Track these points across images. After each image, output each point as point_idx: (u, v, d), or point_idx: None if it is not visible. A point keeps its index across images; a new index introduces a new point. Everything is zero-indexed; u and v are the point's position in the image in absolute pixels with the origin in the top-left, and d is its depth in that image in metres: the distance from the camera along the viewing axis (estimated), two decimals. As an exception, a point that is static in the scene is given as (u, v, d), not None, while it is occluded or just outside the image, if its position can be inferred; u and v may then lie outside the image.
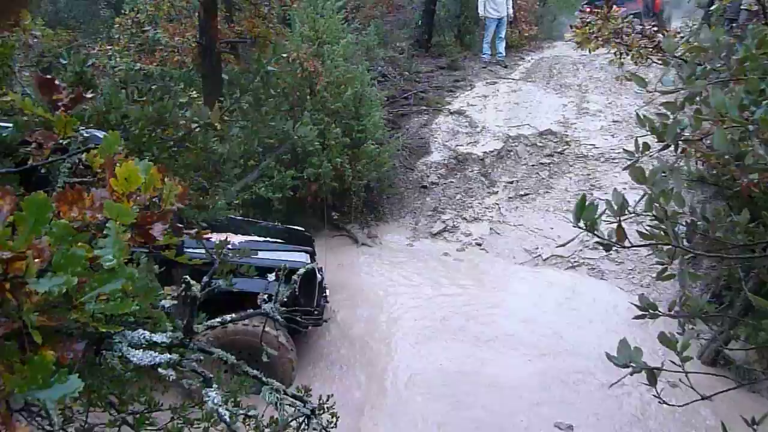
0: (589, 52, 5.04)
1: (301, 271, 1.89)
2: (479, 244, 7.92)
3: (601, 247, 6.93)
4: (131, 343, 1.18)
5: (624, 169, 1.89)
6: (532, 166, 9.07)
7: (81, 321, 1.02)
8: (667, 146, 1.62)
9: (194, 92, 6.41)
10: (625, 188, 8.97)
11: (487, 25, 11.65)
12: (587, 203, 1.49)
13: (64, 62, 1.87)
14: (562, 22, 13.86)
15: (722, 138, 1.34)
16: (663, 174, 1.52)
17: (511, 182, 8.87)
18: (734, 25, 8.26)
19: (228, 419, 1.20)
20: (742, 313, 5.17)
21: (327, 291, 5.78)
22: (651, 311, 1.92)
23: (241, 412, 1.27)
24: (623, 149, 2.05)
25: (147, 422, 1.94)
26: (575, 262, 7.45)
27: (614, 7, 4.86)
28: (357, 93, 7.74)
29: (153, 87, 1.91)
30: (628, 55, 5.00)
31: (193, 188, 2.01)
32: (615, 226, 1.51)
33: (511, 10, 11.70)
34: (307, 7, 7.78)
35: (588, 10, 4.77)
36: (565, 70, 11.21)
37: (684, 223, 1.64)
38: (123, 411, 1.82)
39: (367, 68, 8.43)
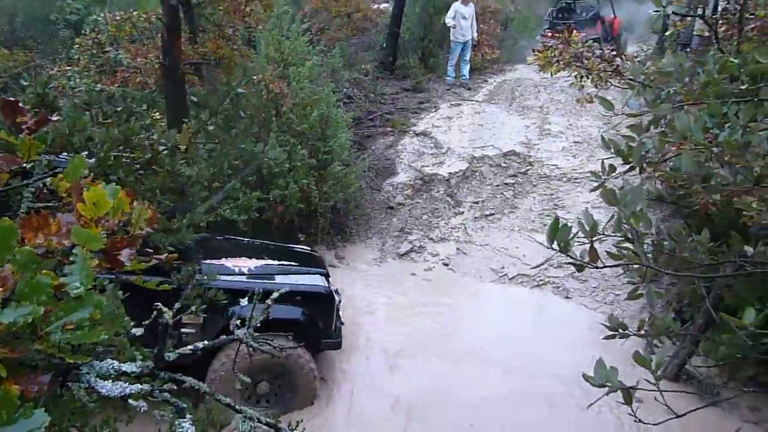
0: (551, 75, 5.17)
1: (275, 295, 1.84)
2: (446, 264, 7.96)
3: (566, 267, 7.05)
4: (99, 373, 1.13)
5: (592, 190, 1.94)
6: (497, 186, 9.21)
7: (46, 352, 0.98)
8: (632, 168, 1.66)
9: (157, 114, 6.31)
10: (587, 208, 9.18)
11: (452, 48, 11.87)
12: (560, 225, 1.51)
13: (25, 83, 1.81)
14: (523, 45, 14.22)
15: (689, 160, 1.39)
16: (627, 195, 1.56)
17: (477, 202, 8.97)
18: (687, 50, 8.60)
19: (203, 452, 1.16)
20: (703, 328, 5.31)
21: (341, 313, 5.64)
22: (621, 331, 1.95)
23: (217, 443, 1.23)
24: (590, 171, 2.10)
25: (111, 455, 1.87)
26: (540, 280, 7.55)
27: (574, 32, 5.02)
28: (323, 114, 7.75)
29: (118, 109, 1.88)
30: (588, 78, 5.14)
31: (160, 212, 1.96)
32: (588, 246, 1.53)
33: (476, 35, 11.95)
34: (272, 29, 7.79)
35: (549, 34, 4.90)
36: (527, 93, 11.48)
37: (649, 243, 1.68)
38: (86, 444, 1.74)
39: (332, 90, 8.46)
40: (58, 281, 1.10)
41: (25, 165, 1.21)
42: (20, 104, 1.23)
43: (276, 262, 5.35)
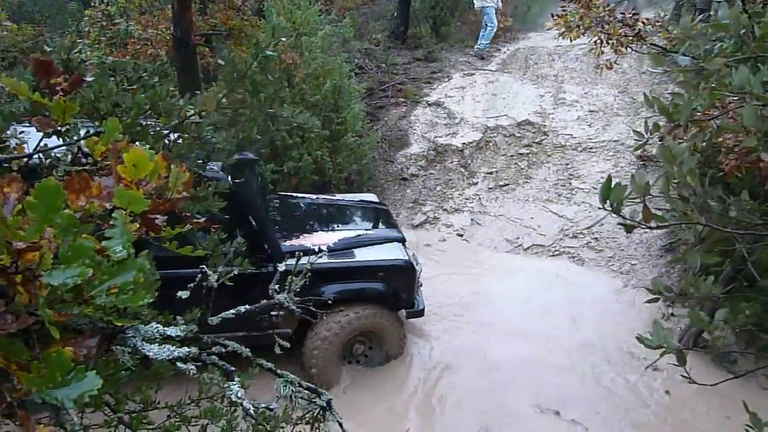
0: (570, 41, 5.05)
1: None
2: (460, 235, 7.94)
3: (581, 237, 6.95)
4: (144, 337, 1.12)
5: (635, 149, 1.89)
6: (511, 156, 9.12)
7: (93, 316, 0.97)
8: (677, 127, 1.61)
9: (171, 86, 6.26)
10: (603, 177, 9.08)
11: (488, 13, 11.42)
12: (613, 184, 1.47)
13: (48, 49, 1.78)
14: (536, 12, 13.94)
15: (752, 113, 1.34)
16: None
17: (491, 173, 8.90)
18: (706, 15, 8.37)
19: (253, 413, 1.15)
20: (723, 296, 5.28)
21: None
22: (666, 294, 1.93)
23: (263, 406, 1.23)
24: (633, 130, 2.04)
25: (144, 421, 1.89)
26: (556, 251, 7.52)
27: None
28: (335, 85, 7.67)
29: (143, 75, 1.84)
30: (608, 44, 5.03)
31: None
32: (640, 206, 1.48)
33: (500, 3, 11.64)
34: (283, -3, 7.67)
35: (571, -3, 4.77)
36: (541, 61, 11.28)
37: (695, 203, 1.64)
38: (120, 410, 1.76)
39: (344, 60, 8.36)
40: (99, 245, 1.09)
41: (59, 128, 1.19)
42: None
43: (353, 234, 5.25)
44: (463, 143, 9.23)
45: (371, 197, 6.61)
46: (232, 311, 1.40)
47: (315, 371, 4.81)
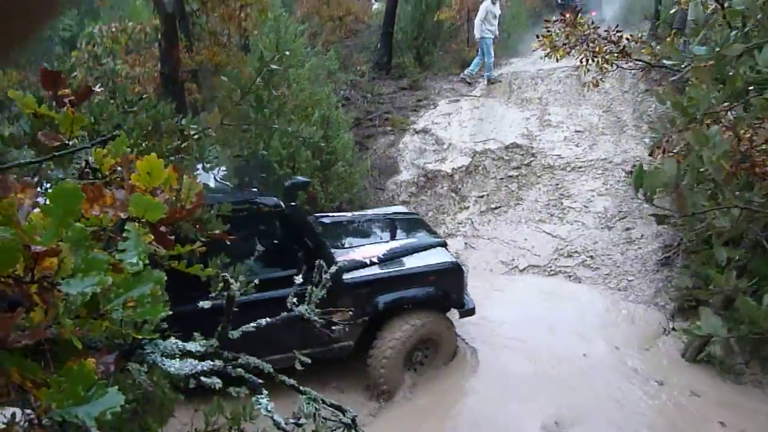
0: (557, 60, 5.12)
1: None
2: (456, 259, 7.91)
3: (575, 256, 6.93)
4: (164, 353, 1.07)
5: (653, 147, 1.87)
6: (501, 179, 9.16)
7: (112, 329, 0.92)
8: (693, 120, 1.60)
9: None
10: (593, 195, 9.09)
11: (487, 44, 11.58)
12: (645, 170, 1.45)
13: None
14: (515, 39, 14.19)
15: None
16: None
17: (482, 196, 8.93)
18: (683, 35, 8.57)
19: (285, 425, 1.09)
20: (723, 306, 5.26)
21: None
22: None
23: (292, 421, 1.17)
24: (649, 127, 2.02)
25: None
26: (552, 270, 7.49)
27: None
28: (324, 115, 7.70)
29: (144, 96, 1.81)
30: (593, 61, 5.10)
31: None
32: (674, 195, 1.45)
33: (497, 32, 11.82)
34: (269, 32, 7.74)
35: (562, 16, 4.82)
36: (525, 85, 11.44)
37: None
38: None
39: (331, 91, 8.42)
40: (113, 260, 1.05)
41: (67, 141, 1.15)
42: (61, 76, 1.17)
43: (398, 244, 5.41)
44: (453, 168, 9.28)
45: (402, 208, 6.82)
46: (252, 324, 1.35)
47: (382, 380, 4.95)
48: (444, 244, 5.60)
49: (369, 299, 4.80)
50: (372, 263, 4.96)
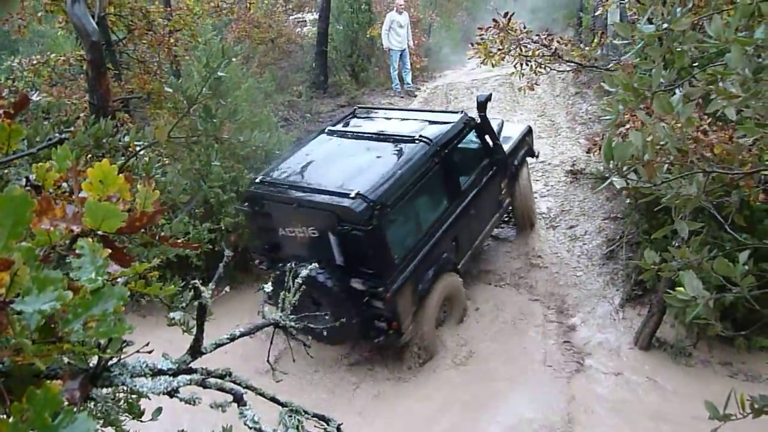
0: (492, 66, 5.22)
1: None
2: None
3: (521, 257, 6.97)
4: (132, 373, 0.98)
5: (609, 124, 1.91)
6: (446, 188, 9.24)
7: (73, 351, 0.83)
8: (644, 98, 1.65)
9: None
10: (536, 197, 9.23)
11: (391, 56, 11.93)
12: (615, 142, 1.46)
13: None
14: (447, 52, 14.51)
15: (738, 55, 1.37)
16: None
17: (429, 206, 8.97)
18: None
19: (274, 436, 1.02)
20: (671, 287, 5.45)
21: None
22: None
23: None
24: (602, 109, 2.05)
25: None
26: (503, 272, 7.58)
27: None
28: (265, 136, 7.58)
29: (81, 114, 1.71)
30: (527, 65, 5.23)
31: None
32: (642, 165, 1.47)
33: (411, 42, 12.10)
34: (201, 56, 7.58)
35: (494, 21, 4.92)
36: (461, 95, 11.67)
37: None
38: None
39: (269, 112, 8.32)
40: (67, 279, 0.95)
41: (3, 157, 1.05)
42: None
43: (508, 127, 7.85)
44: (398, 181, 9.29)
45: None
46: (226, 336, 1.26)
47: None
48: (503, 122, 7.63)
49: (511, 163, 7.05)
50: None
